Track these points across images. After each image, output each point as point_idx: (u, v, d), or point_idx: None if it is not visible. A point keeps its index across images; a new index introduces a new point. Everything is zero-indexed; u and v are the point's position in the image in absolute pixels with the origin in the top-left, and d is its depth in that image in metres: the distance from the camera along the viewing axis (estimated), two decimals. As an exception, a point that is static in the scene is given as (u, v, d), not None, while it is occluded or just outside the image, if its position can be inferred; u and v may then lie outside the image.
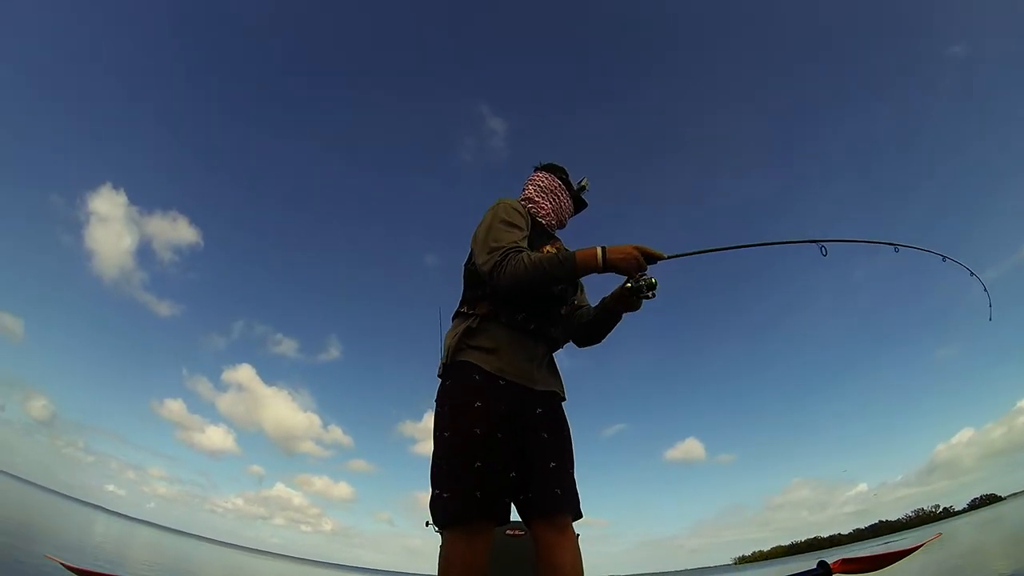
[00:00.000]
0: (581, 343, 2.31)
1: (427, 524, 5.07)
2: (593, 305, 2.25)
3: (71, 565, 2.66)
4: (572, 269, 1.94)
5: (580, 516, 1.87)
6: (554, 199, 2.31)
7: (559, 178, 2.38)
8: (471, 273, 2.08)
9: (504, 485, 1.78)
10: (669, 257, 2.00)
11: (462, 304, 2.09)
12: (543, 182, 2.36)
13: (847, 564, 2.56)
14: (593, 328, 2.22)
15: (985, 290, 2.86)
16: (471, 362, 1.90)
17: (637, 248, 1.88)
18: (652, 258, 1.93)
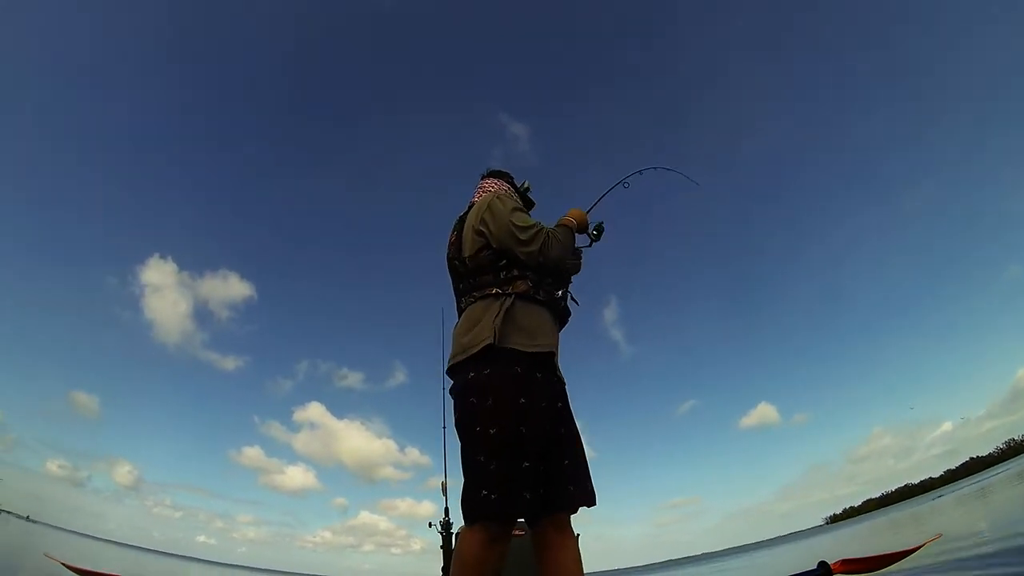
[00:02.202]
0: None
1: (429, 525, 5.32)
2: None
3: (71, 564, 2.67)
4: (574, 237, 2.25)
5: (594, 503, 1.86)
6: None
7: (507, 182, 2.49)
8: (487, 259, 2.06)
9: (539, 484, 1.75)
10: (588, 211, 2.47)
11: (486, 287, 2.03)
12: (494, 187, 2.42)
13: (847, 564, 2.57)
14: None
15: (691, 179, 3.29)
16: (514, 348, 1.85)
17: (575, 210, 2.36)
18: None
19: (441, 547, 5.27)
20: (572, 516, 1.87)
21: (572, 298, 2.25)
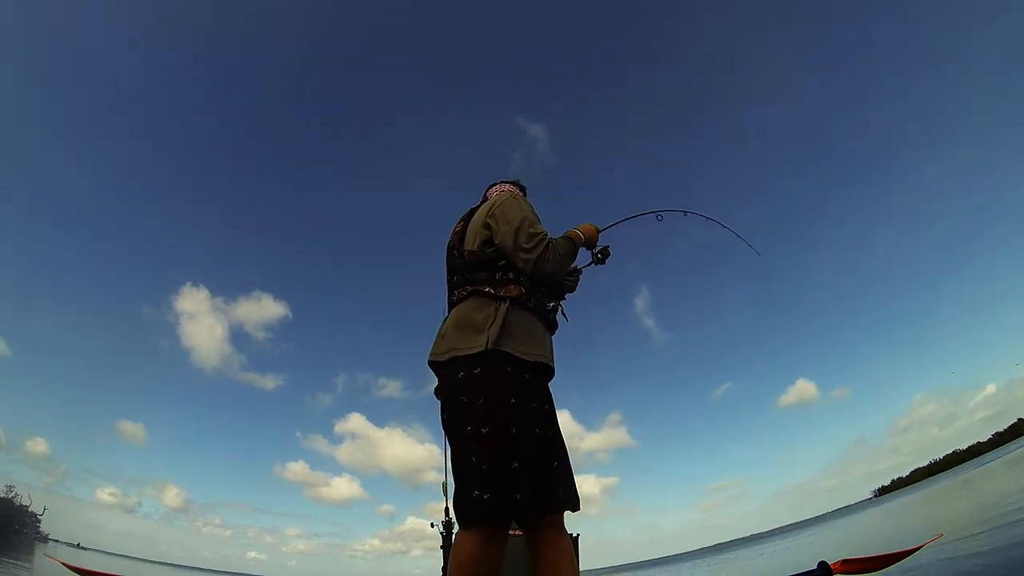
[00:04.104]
0: None
1: (432, 525, 5.35)
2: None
3: (71, 565, 2.67)
4: (576, 252, 2.18)
5: (578, 508, 1.85)
6: None
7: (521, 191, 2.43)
8: (488, 256, 2.01)
9: (530, 485, 1.72)
10: (602, 230, 2.41)
11: (480, 284, 1.99)
12: (512, 190, 2.34)
13: (847, 564, 2.56)
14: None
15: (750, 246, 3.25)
16: (505, 351, 1.82)
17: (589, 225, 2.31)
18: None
19: (441, 547, 5.23)
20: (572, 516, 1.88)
21: (563, 313, 2.21)
